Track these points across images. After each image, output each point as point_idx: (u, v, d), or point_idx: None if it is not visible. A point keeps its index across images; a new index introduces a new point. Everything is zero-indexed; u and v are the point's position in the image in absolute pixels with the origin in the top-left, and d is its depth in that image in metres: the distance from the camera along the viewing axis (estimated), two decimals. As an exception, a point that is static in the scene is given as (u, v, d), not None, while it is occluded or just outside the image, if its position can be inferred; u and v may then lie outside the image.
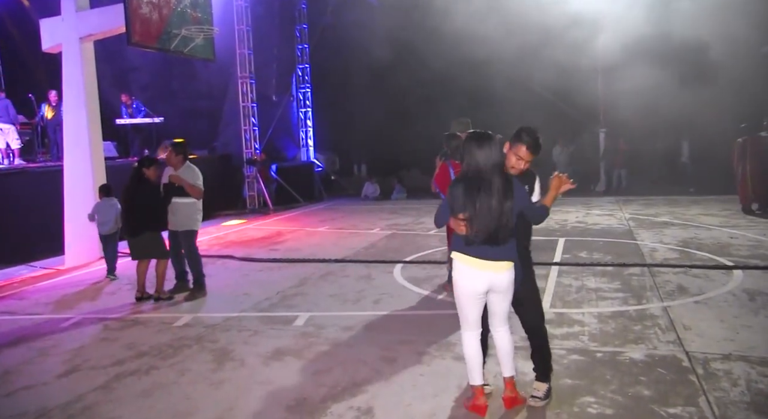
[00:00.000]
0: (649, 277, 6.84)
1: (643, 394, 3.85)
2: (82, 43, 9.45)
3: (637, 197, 14.56)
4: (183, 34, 9.80)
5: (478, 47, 14.80)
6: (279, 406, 3.93)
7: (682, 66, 13.91)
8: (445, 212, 3.66)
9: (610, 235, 9.67)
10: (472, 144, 3.55)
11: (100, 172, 9.64)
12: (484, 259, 3.55)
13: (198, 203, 6.73)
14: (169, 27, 9.56)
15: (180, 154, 6.70)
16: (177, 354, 4.98)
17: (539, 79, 16.15)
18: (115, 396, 4.20)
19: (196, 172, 6.68)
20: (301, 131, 19.50)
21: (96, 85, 9.79)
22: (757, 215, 10.88)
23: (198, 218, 6.79)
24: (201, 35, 10.22)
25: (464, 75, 15.91)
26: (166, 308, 6.47)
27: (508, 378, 3.77)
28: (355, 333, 5.36)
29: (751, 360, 4.31)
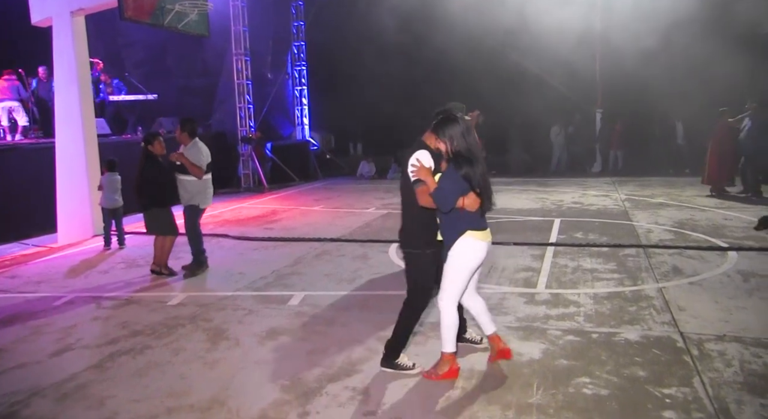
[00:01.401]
0: (645, 258, 6.84)
1: (638, 375, 3.86)
2: (74, 17, 9.27)
3: (633, 178, 14.55)
4: (177, 10, 9.60)
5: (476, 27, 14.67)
6: (274, 386, 3.92)
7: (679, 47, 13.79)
8: (454, 193, 3.66)
9: (605, 216, 9.66)
10: (460, 127, 3.75)
11: (93, 149, 9.54)
12: (487, 229, 3.90)
13: (203, 181, 6.66)
14: (162, 2, 9.36)
15: (185, 131, 6.67)
16: (171, 333, 4.96)
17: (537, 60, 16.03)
18: (108, 376, 4.17)
19: (199, 149, 6.61)
20: (296, 109, 19.34)
21: (88, 61, 9.63)
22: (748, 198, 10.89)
23: (203, 194, 6.73)
24: (195, 10, 10.02)
25: (462, 55, 15.76)
26: (160, 287, 6.44)
27: (494, 333, 4.12)
28: (350, 312, 5.35)
29: (745, 341, 4.32)
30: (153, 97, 14.27)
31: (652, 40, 13.60)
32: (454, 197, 3.68)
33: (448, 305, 3.87)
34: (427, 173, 3.74)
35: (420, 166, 3.76)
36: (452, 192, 3.68)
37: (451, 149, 3.74)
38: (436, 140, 3.79)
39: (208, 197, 6.85)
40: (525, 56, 16.08)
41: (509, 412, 3.46)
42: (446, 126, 3.76)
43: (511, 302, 5.42)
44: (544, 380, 3.84)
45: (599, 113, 16.99)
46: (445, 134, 3.75)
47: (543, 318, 4.97)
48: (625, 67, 14.85)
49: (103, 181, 8.43)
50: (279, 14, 18.37)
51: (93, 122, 9.78)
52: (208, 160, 6.68)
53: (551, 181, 14.75)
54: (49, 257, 8.28)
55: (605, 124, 16.66)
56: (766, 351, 4.14)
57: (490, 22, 14.33)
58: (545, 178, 15.37)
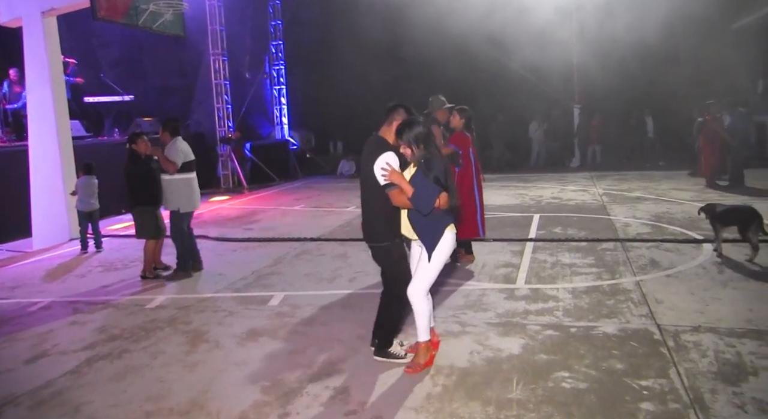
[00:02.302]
0: (623, 252, 6.91)
1: (616, 368, 3.90)
2: (44, 17, 9.12)
3: (611, 173, 14.70)
4: (152, 10, 9.51)
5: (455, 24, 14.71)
6: (254, 387, 3.90)
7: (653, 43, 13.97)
8: (431, 196, 3.74)
9: (584, 210, 9.74)
10: (423, 130, 3.84)
11: (68, 151, 9.40)
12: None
13: (182, 183, 6.54)
14: (137, 2, 9.26)
15: (166, 130, 6.66)
16: (150, 337, 4.91)
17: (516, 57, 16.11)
18: (85, 381, 4.12)
19: (177, 148, 6.51)
20: (275, 108, 19.23)
21: (60, 62, 9.48)
22: (725, 189, 11.07)
23: (184, 197, 6.57)
24: (170, 10, 9.93)
25: (441, 52, 15.80)
26: (138, 290, 6.36)
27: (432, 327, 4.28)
28: (330, 311, 5.34)
29: (720, 331, 4.39)
30: (129, 98, 14.11)
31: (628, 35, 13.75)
32: (433, 200, 3.75)
33: (421, 295, 3.96)
34: (401, 177, 3.79)
35: (391, 170, 3.80)
36: (430, 196, 3.74)
37: (417, 154, 3.80)
38: (402, 146, 3.84)
39: (190, 201, 6.67)
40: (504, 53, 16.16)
41: (489, 408, 3.48)
42: (411, 130, 3.80)
43: (490, 299, 5.44)
44: (523, 375, 3.86)
45: (577, 109, 17.14)
46: (410, 139, 3.80)
47: (522, 314, 5.01)
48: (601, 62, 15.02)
49: (79, 184, 8.30)
50: (256, 13, 18.24)
51: (67, 123, 9.63)
52: (186, 159, 6.56)
53: (531, 176, 14.85)
54: (24, 262, 8.15)
55: (583, 119, 16.81)
56: (739, 341, 4.21)
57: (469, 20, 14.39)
58: (525, 173, 15.47)
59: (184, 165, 6.55)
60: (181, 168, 6.50)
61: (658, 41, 13.93)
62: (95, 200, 8.34)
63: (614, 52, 14.36)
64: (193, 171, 6.69)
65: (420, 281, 3.95)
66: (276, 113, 19.26)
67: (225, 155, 15.75)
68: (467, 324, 4.75)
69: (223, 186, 15.61)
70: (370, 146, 4.00)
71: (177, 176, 6.50)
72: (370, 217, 4.07)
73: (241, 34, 17.03)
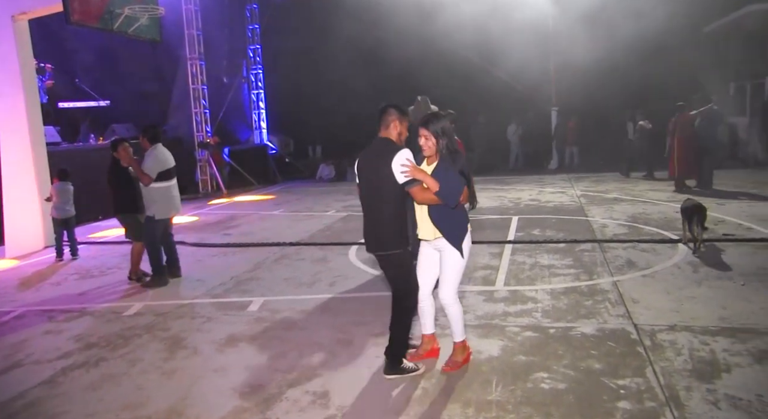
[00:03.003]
0: (600, 253, 6.99)
1: (594, 367, 3.94)
2: (15, 21, 8.97)
3: (589, 174, 14.88)
4: (127, 14, 9.40)
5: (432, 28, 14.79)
6: (233, 393, 3.87)
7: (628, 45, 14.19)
8: (459, 188, 3.73)
9: (562, 212, 9.84)
10: (448, 123, 3.88)
11: (42, 157, 9.25)
12: None
13: (159, 190, 6.44)
14: (111, 6, 9.15)
15: (145, 137, 6.61)
16: (127, 344, 4.85)
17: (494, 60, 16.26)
18: (60, 391, 4.05)
19: (155, 157, 6.42)
20: (253, 113, 19.14)
21: (33, 67, 9.33)
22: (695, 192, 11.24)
23: (159, 204, 6.46)
24: (146, 15, 9.83)
25: (419, 56, 15.87)
26: (115, 298, 6.28)
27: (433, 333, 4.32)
28: (310, 316, 5.32)
29: (694, 330, 4.46)
30: (105, 103, 13.94)
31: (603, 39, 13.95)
32: (460, 192, 3.73)
33: (455, 297, 3.96)
34: (424, 173, 3.74)
35: (412, 165, 3.74)
36: (457, 188, 3.72)
37: (444, 145, 3.80)
38: (427, 136, 3.80)
39: (167, 208, 6.56)
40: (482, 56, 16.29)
41: (469, 410, 3.49)
42: (438, 122, 3.83)
43: (470, 301, 5.47)
44: (503, 376, 3.89)
45: (554, 111, 17.31)
46: (438, 130, 3.80)
47: (502, 315, 5.04)
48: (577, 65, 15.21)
49: (54, 190, 8.17)
50: (233, 18, 18.16)
51: (41, 129, 9.48)
52: (163, 167, 6.45)
53: (509, 179, 14.96)
54: (-3, 270, 8.00)
55: (561, 121, 16.99)
56: (712, 338, 4.28)
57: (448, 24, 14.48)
58: (503, 176, 15.58)
59: (162, 174, 6.43)
60: (158, 177, 6.40)
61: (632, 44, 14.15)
62: (71, 207, 8.22)
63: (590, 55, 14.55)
64: (171, 179, 6.58)
65: (451, 283, 3.93)
66: (254, 118, 19.17)
67: (203, 160, 15.62)
68: (447, 327, 4.75)
69: (202, 191, 15.48)
70: (377, 150, 3.90)
71: (155, 184, 6.41)
72: (379, 224, 3.90)
73: (218, 38, 16.94)
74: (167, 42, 14.62)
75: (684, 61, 15.08)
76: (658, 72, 14.55)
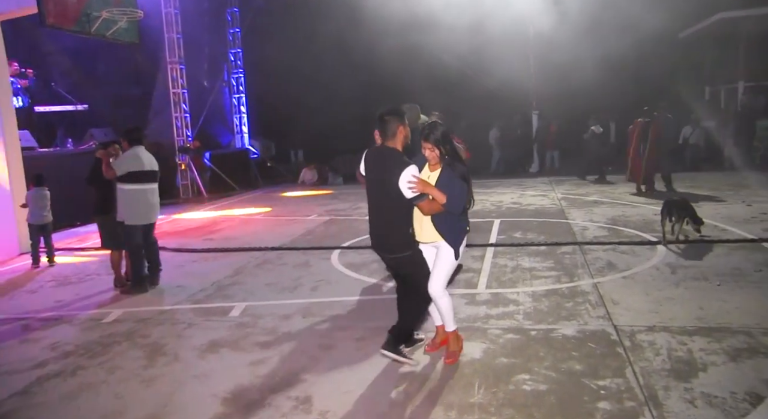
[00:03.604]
0: (581, 255, 7.06)
1: (575, 369, 3.97)
2: (-12, 24, 8.84)
3: (569, 177, 15.01)
4: (104, 17, 9.29)
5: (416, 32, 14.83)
6: (215, 400, 3.83)
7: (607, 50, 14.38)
8: (463, 195, 3.94)
9: (543, 215, 9.92)
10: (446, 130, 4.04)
11: (17, 162, 9.09)
12: None
13: (134, 193, 6.33)
14: (88, 8, 9.03)
15: (125, 138, 6.56)
16: (106, 352, 4.78)
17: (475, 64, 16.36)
18: (36, 401, 3.97)
19: (125, 156, 6.34)
20: (235, 117, 19.05)
21: (7, 70, 9.18)
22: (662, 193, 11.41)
23: (132, 209, 6.35)
24: (125, 18, 9.73)
25: (400, 60, 15.90)
26: (94, 304, 6.19)
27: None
28: (292, 321, 5.29)
29: (672, 330, 4.52)
30: (83, 107, 13.75)
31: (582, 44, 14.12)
32: (464, 198, 3.92)
33: (443, 291, 4.10)
34: (431, 187, 3.87)
35: (419, 182, 3.84)
36: (462, 196, 3.90)
37: (446, 152, 3.95)
38: (431, 148, 3.94)
39: (136, 214, 6.39)
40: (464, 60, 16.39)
41: (452, 412, 3.50)
42: (436, 131, 3.94)
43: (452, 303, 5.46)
44: (485, 379, 3.90)
45: (535, 115, 17.47)
46: (438, 140, 3.93)
47: (484, 318, 5.06)
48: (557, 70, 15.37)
49: (30, 196, 8.04)
50: (214, 21, 18.06)
51: (15, 134, 9.32)
52: (135, 168, 6.30)
53: (490, 182, 15.05)
54: (-28, 278, 7.84)
55: (542, 125, 17.14)
56: (690, 338, 4.34)
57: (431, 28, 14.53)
58: (485, 179, 15.66)
59: (134, 175, 6.30)
60: (130, 178, 6.27)
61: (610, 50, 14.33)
62: (47, 213, 8.10)
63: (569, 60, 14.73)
64: (145, 183, 6.41)
65: (441, 277, 4.08)
66: (236, 122, 19.07)
67: (184, 165, 15.49)
68: (429, 330, 4.76)
69: (183, 196, 15.35)
70: (385, 160, 3.96)
71: (124, 186, 6.30)
72: (389, 230, 4.04)
73: (199, 42, 16.83)
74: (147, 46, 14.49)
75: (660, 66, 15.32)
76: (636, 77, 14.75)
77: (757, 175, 12.80)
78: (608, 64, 14.82)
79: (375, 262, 7.23)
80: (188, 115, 15.79)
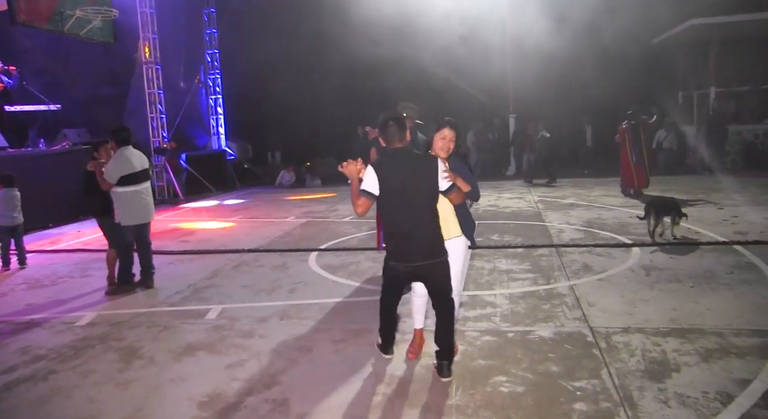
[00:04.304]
0: (557, 257, 7.13)
1: (551, 370, 4.01)
2: (-41, 22, 8.64)
3: (541, 180, 15.15)
4: (78, 16, 9.18)
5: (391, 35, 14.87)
6: (191, 403, 3.79)
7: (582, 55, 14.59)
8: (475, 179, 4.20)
9: (520, 218, 10.00)
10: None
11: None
12: None
13: (126, 195, 6.26)
14: (62, 7, 8.92)
15: (113, 139, 6.46)
16: (79, 356, 4.69)
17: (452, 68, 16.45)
18: (4, 407, 3.88)
19: (114, 161, 6.25)
20: (211, 118, 18.89)
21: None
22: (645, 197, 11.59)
23: (125, 210, 6.29)
24: (99, 17, 9.62)
25: (377, 62, 15.92)
26: (67, 308, 6.07)
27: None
28: (269, 323, 5.26)
29: (647, 331, 4.59)
30: (56, 107, 13.51)
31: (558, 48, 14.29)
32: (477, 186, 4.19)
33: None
34: (457, 176, 3.98)
35: (450, 172, 3.92)
36: (476, 183, 4.17)
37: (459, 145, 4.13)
38: (451, 137, 4.06)
39: (132, 214, 6.34)
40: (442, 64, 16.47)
41: (429, 414, 3.50)
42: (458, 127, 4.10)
43: (429, 306, 5.48)
44: (462, 381, 3.91)
45: (512, 118, 17.62)
46: (459, 135, 4.12)
47: (461, 320, 5.07)
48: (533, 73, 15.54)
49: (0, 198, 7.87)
50: (190, 21, 17.89)
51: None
52: (126, 171, 6.24)
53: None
54: (-61, 280, 7.64)
55: (519, 128, 17.29)
56: (664, 340, 4.41)
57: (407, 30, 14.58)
58: (463, 182, 15.71)
59: (126, 178, 6.24)
60: (123, 181, 6.22)
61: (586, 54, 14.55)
62: (18, 214, 7.93)
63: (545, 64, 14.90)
64: (137, 184, 6.35)
65: (462, 276, 4.28)
66: (212, 123, 18.91)
67: (160, 166, 15.31)
68: (407, 332, 4.77)
69: (158, 198, 15.15)
70: (414, 161, 3.89)
71: (118, 189, 6.25)
72: (435, 231, 3.90)
73: (175, 42, 16.65)
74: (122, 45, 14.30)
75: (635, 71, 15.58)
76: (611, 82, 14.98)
77: (728, 178, 13.08)
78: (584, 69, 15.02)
79: (352, 264, 7.22)
80: (164, 116, 15.61)
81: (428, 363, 4.19)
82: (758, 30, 15.29)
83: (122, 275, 6.53)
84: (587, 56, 14.74)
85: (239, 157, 19.13)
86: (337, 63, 16.79)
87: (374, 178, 3.76)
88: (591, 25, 14.37)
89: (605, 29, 14.39)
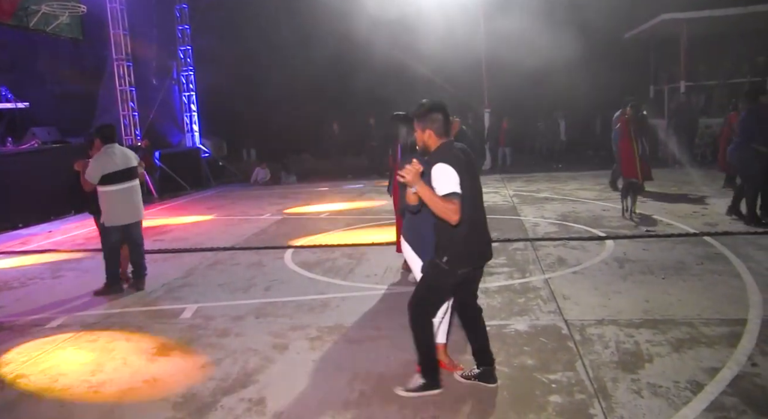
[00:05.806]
0: (532, 251, 7.19)
1: (527, 363, 4.04)
2: None
3: (521, 174, 15.28)
4: (44, 11, 8.97)
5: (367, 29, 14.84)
6: (165, 404, 3.74)
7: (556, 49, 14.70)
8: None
9: (495, 212, 10.05)
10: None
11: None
12: None
13: (108, 194, 6.14)
14: (26, 2, 8.70)
15: (97, 137, 6.35)
16: (50, 359, 4.60)
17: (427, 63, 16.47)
18: (-26, 411, 3.80)
19: (95, 161, 6.12)
20: (185, 115, 18.65)
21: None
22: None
23: (108, 210, 6.16)
24: (66, 13, 9.41)
25: (352, 58, 15.89)
26: (38, 309, 5.94)
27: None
28: (245, 322, 5.21)
29: (620, 323, 4.65)
30: (24, 105, 13.20)
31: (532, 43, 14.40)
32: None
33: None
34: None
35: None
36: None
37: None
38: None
39: (116, 214, 6.20)
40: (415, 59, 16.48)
41: (406, 410, 3.51)
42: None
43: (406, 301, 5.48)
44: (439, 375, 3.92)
45: (487, 113, 17.71)
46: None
47: (438, 315, 5.08)
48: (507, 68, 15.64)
49: None
50: (162, 18, 17.62)
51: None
52: (107, 170, 6.10)
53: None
54: None
55: (493, 122, 17.38)
56: (636, 331, 4.48)
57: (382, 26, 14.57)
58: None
59: (109, 177, 6.11)
60: (105, 180, 6.10)
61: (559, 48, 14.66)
62: None
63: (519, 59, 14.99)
64: (121, 182, 6.20)
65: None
66: (186, 120, 18.67)
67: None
68: (383, 328, 4.77)
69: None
70: (469, 154, 3.65)
71: (101, 188, 6.13)
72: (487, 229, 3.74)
73: (146, 38, 16.39)
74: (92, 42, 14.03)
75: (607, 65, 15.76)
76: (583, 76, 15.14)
77: (698, 171, 13.32)
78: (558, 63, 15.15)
79: (328, 261, 7.20)
80: (137, 113, 15.38)
81: (407, 358, 4.17)
82: (727, 25, 15.58)
83: (110, 276, 6.39)
84: (561, 51, 14.85)
85: (214, 154, 18.93)
86: (313, 59, 16.70)
87: (456, 176, 3.33)
88: (564, 21, 14.51)
89: (579, 24, 14.53)
